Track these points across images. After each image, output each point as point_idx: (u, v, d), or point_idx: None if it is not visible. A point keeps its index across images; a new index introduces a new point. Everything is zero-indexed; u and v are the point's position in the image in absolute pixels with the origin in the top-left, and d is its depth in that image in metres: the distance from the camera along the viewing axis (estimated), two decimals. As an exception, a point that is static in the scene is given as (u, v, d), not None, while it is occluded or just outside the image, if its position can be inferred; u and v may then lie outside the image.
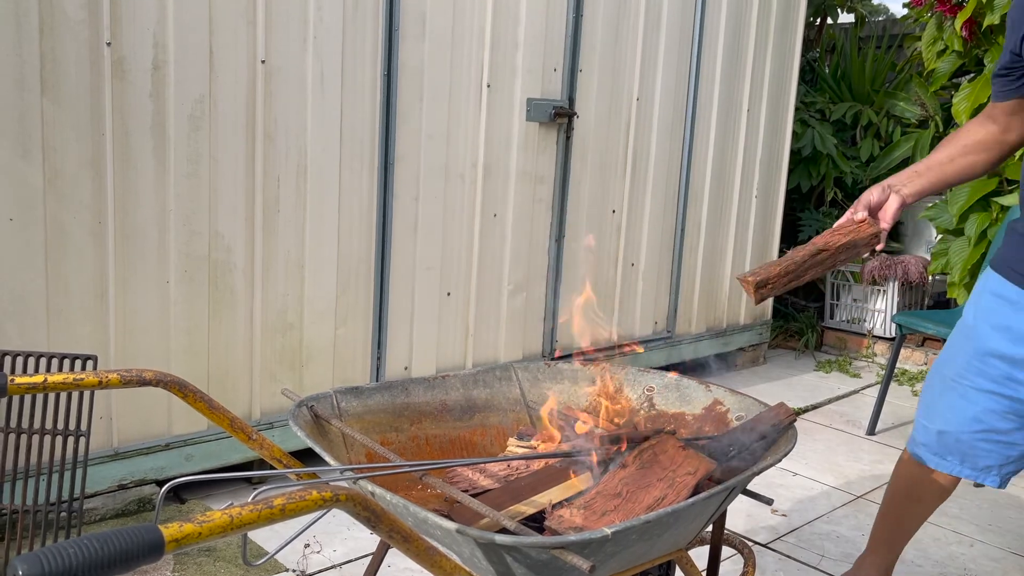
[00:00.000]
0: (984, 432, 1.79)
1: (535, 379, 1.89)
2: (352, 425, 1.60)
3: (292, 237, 2.67)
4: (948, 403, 1.84)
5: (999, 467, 1.83)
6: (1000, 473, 1.84)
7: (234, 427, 1.45)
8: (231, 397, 2.62)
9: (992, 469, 1.83)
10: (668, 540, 1.36)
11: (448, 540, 1.24)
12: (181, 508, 2.57)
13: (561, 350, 3.45)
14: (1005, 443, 1.79)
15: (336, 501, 0.93)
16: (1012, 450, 1.80)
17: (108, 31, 2.24)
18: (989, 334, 1.73)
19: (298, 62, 2.59)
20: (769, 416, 1.58)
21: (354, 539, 2.43)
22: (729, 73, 4.03)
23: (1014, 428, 1.77)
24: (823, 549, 2.59)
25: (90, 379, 1.32)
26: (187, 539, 0.82)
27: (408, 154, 2.90)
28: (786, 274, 1.48)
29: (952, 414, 1.83)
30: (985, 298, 1.75)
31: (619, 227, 3.70)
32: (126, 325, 2.39)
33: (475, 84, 3.05)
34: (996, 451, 1.81)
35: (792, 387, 4.24)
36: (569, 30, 3.31)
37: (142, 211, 2.37)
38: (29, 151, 2.18)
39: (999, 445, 1.79)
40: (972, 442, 1.81)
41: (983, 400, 1.77)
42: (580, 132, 3.43)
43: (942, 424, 1.85)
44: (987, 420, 1.78)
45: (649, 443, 1.49)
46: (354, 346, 2.89)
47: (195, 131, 2.43)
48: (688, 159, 3.92)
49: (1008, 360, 1.71)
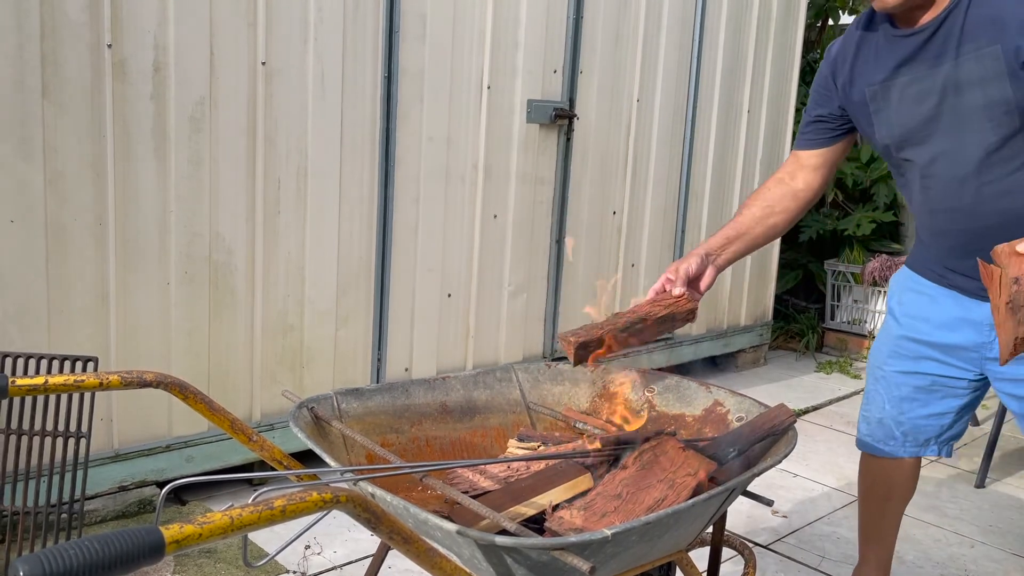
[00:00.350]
0: (912, 404, 1.95)
1: (535, 380, 1.89)
2: (352, 426, 1.60)
3: (293, 239, 2.67)
4: (880, 390, 2.00)
5: (936, 438, 1.99)
6: (939, 442, 1.99)
7: (235, 428, 1.45)
8: (232, 398, 2.62)
9: (931, 441, 1.99)
10: (668, 541, 1.36)
11: (448, 541, 1.24)
12: (181, 510, 2.57)
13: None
14: (935, 414, 1.94)
15: (336, 502, 0.93)
16: (944, 419, 1.95)
17: (109, 33, 2.25)
18: (910, 323, 1.90)
19: (299, 64, 2.60)
20: (769, 417, 1.58)
21: (355, 540, 2.43)
22: (729, 75, 4.03)
23: (937, 399, 1.93)
24: (824, 550, 2.58)
25: (91, 381, 1.32)
26: (188, 540, 0.82)
27: (408, 156, 2.91)
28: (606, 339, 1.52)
29: (885, 400, 1.99)
30: (907, 294, 1.92)
31: (620, 228, 3.70)
32: (127, 326, 2.39)
33: (475, 86, 3.06)
34: (930, 423, 1.96)
35: (793, 388, 4.24)
36: (569, 31, 3.31)
37: (143, 213, 2.38)
38: (30, 153, 2.18)
39: (928, 416, 1.95)
40: (906, 419, 1.96)
41: (908, 380, 1.94)
42: (580, 133, 3.44)
43: (878, 412, 2.00)
44: (914, 395, 1.94)
45: (649, 444, 1.49)
46: (355, 347, 2.89)
47: (196, 133, 2.43)
48: (688, 160, 3.93)
49: (928, 344, 1.87)
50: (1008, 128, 1.61)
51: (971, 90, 1.60)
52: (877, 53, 1.73)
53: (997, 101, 1.58)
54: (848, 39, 1.81)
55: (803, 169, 1.91)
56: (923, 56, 1.65)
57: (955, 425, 1.97)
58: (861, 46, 1.77)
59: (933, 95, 1.65)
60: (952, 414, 1.95)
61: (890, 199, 4.90)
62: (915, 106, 1.69)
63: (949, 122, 1.66)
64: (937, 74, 1.64)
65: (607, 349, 1.52)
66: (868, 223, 4.85)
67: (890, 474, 2.07)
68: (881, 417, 2.00)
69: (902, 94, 1.70)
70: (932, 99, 1.66)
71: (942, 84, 1.64)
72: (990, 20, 1.55)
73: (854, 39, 1.79)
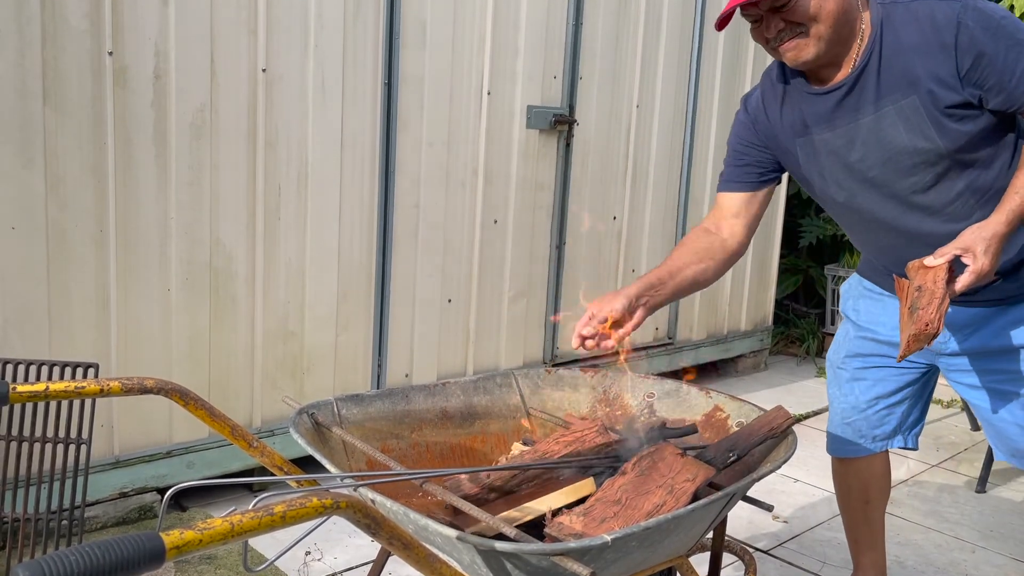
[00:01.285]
0: (875, 400, 2.03)
1: (535, 386, 1.89)
2: (353, 432, 1.60)
3: (293, 244, 2.68)
4: (841, 388, 2.07)
5: (899, 427, 2.06)
6: (903, 432, 2.07)
7: (235, 435, 1.45)
8: (232, 404, 2.62)
9: (896, 431, 2.06)
10: (669, 546, 1.36)
11: (448, 547, 1.25)
12: (182, 516, 2.57)
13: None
14: (895, 403, 2.02)
15: (336, 508, 0.93)
16: (901, 407, 2.04)
17: (110, 40, 2.25)
18: (868, 326, 1.98)
19: (299, 70, 2.61)
20: (767, 420, 1.58)
21: (355, 546, 2.43)
22: (729, 79, 4.04)
23: (895, 389, 2.01)
24: (824, 556, 2.58)
25: (91, 387, 1.32)
26: (188, 546, 0.82)
27: (409, 161, 2.91)
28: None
29: (847, 397, 2.06)
30: (862, 301, 2.02)
31: (620, 233, 3.71)
32: (128, 333, 2.40)
33: (475, 91, 3.06)
34: (891, 414, 2.04)
35: (793, 393, 4.24)
36: (569, 37, 3.32)
37: (144, 219, 2.38)
38: (31, 159, 2.18)
39: (891, 408, 2.03)
40: (869, 415, 2.04)
41: (866, 373, 2.02)
42: (580, 139, 3.44)
43: (841, 411, 2.08)
44: (874, 390, 2.02)
45: (648, 450, 1.49)
46: (355, 353, 2.89)
47: (196, 139, 2.44)
48: (688, 165, 3.93)
49: (886, 343, 1.96)
50: (935, 169, 1.65)
51: (895, 139, 1.64)
52: (798, 108, 1.74)
53: (921, 147, 1.63)
54: (766, 91, 1.81)
55: (726, 219, 1.88)
56: (841, 112, 1.67)
57: (913, 411, 2.06)
58: (783, 98, 1.77)
59: (857, 147, 1.68)
60: (909, 399, 2.03)
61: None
62: (840, 159, 1.72)
63: (877, 172, 1.69)
64: (859, 128, 1.67)
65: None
66: (868, 228, 4.85)
67: (863, 475, 2.12)
68: (844, 415, 2.08)
69: (827, 148, 1.72)
70: (857, 152, 1.69)
71: (864, 137, 1.67)
72: (901, 73, 1.59)
73: (773, 92, 1.79)
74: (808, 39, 1.56)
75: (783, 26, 1.56)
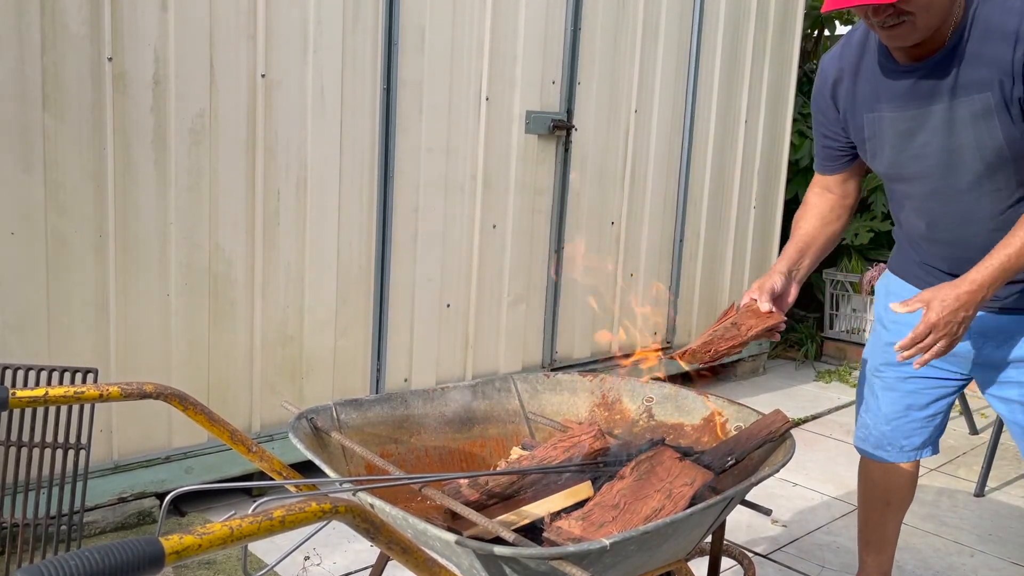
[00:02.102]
0: (905, 411, 2.00)
1: (534, 390, 1.89)
2: (352, 437, 1.60)
3: (292, 249, 2.68)
4: (876, 397, 2.04)
5: (929, 439, 2.03)
6: (932, 443, 2.04)
7: (234, 439, 1.46)
8: (231, 409, 2.62)
9: (927, 444, 2.04)
10: (667, 551, 1.36)
11: (447, 552, 1.25)
12: (181, 521, 2.57)
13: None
14: (928, 416, 2.00)
15: (335, 513, 0.94)
16: (936, 419, 2.01)
17: (109, 46, 2.26)
18: (899, 330, 1.88)
19: (298, 76, 2.61)
20: (765, 423, 1.59)
21: (354, 551, 2.43)
22: (727, 84, 4.05)
23: (929, 401, 1.98)
24: (823, 560, 2.58)
25: (91, 392, 1.33)
26: (187, 551, 0.83)
27: (408, 166, 2.92)
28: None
29: (880, 404, 2.03)
30: (891, 299, 1.94)
31: (618, 238, 3.71)
32: (127, 338, 2.40)
33: (474, 97, 3.07)
34: (924, 427, 2.01)
35: (792, 397, 4.24)
36: (567, 43, 3.33)
37: (143, 224, 2.38)
38: (31, 165, 2.19)
39: (923, 420, 2.00)
40: (901, 425, 2.01)
41: (904, 385, 1.98)
42: (579, 144, 3.45)
43: (875, 419, 2.05)
44: (905, 401, 1.99)
45: (646, 455, 1.50)
46: (354, 358, 2.89)
47: (196, 145, 2.44)
48: (686, 170, 3.94)
49: None
50: (995, 169, 1.64)
51: (964, 130, 1.62)
52: (872, 82, 1.73)
53: (987, 142, 1.61)
54: (845, 60, 1.80)
55: (833, 184, 1.94)
56: (915, 94, 1.66)
57: (944, 422, 2.05)
58: (859, 70, 1.76)
59: (926, 132, 1.67)
60: (943, 413, 2.02)
61: (887, 208, 4.91)
62: (907, 142, 1.71)
63: (942, 160, 1.68)
64: (929, 114, 1.65)
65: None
66: (866, 232, 4.86)
67: (890, 479, 2.10)
68: (877, 423, 2.05)
69: (895, 129, 1.71)
70: (925, 136, 1.67)
71: (936, 123, 1.65)
72: (981, 63, 1.57)
73: (851, 61, 1.78)
74: (915, 27, 1.54)
75: (891, 11, 1.53)
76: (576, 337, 3.61)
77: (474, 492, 1.45)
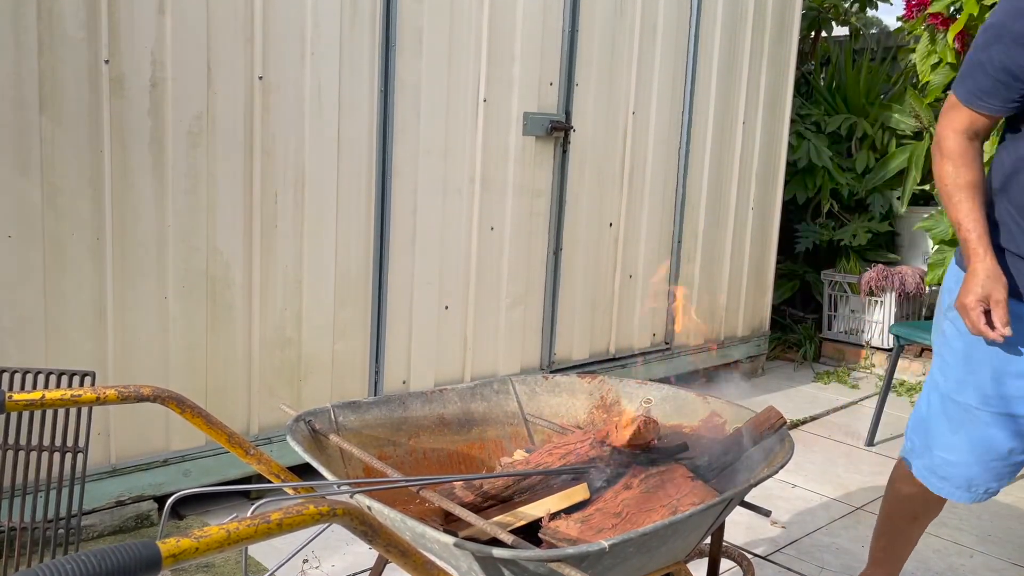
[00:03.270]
0: (1009, 453, 1.82)
1: (532, 392, 1.89)
2: (350, 440, 1.60)
3: (290, 252, 2.68)
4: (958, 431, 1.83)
5: (995, 484, 1.88)
6: (999, 488, 1.90)
7: (232, 442, 1.45)
8: (230, 412, 2.62)
9: (992, 490, 1.89)
10: (666, 553, 1.36)
11: (446, 554, 1.24)
12: (179, 524, 2.57)
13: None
14: (1010, 463, 1.84)
15: (333, 516, 0.93)
16: (1013, 468, 1.86)
17: (107, 49, 2.26)
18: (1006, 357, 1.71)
19: (296, 78, 2.61)
20: (760, 420, 1.58)
21: (353, 554, 2.43)
22: (725, 86, 4.05)
23: (1018, 448, 1.81)
24: (823, 561, 2.58)
25: (88, 395, 1.32)
26: (184, 555, 0.82)
27: (405, 169, 2.92)
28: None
29: (964, 443, 1.82)
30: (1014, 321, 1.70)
31: (616, 239, 3.71)
32: (125, 341, 2.39)
33: (472, 99, 3.07)
34: (999, 471, 1.86)
35: (791, 398, 4.24)
36: (565, 44, 3.33)
37: (141, 227, 2.38)
38: (28, 168, 2.19)
39: (1001, 465, 1.84)
40: (998, 468, 1.84)
41: (997, 423, 1.78)
42: (577, 145, 3.45)
43: (961, 455, 1.84)
44: (996, 445, 1.80)
45: (658, 469, 1.49)
46: (352, 360, 2.89)
47: (193, 147, 2.44)
48: (685, 171, 3.94)
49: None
50: None
51: None
52: None
53: None
54: None
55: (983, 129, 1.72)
56: None
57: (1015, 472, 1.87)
58: None
59: None
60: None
61: (885, 209, 4.91)
62: None
63: None
64: None
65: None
66: (864, 233, 4.86)
67: (929, 503, 1.97)
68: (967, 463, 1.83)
69: None
70: None
71: None
72: None
73: None
74: None
75: None
76: (575, 338, 3.61)
77: (470, 494, 1.45)
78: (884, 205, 4.91)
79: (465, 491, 1.45)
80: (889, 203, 4.88)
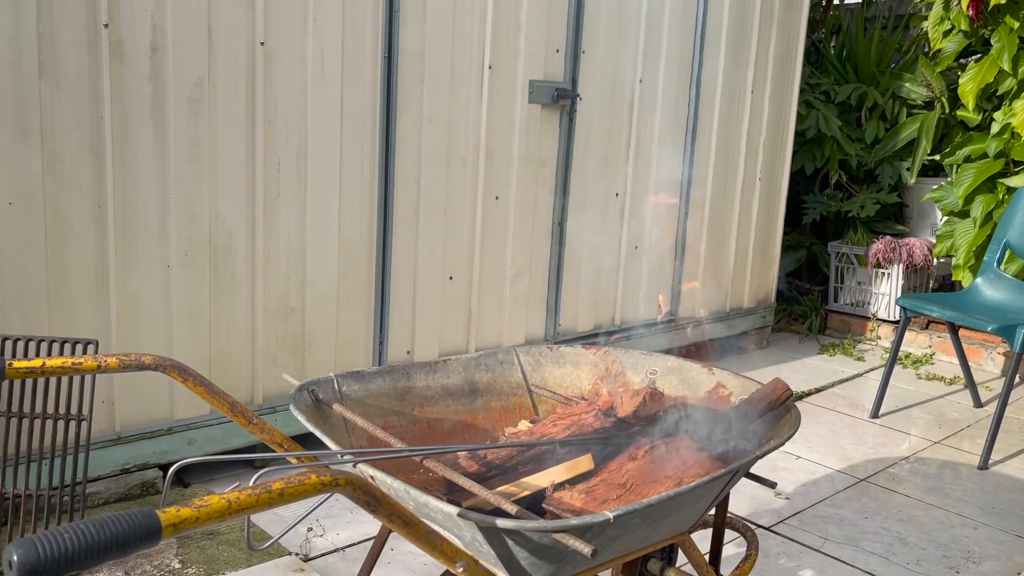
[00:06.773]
0: None
1: (537, 363, 1.88)
2: (353, 409, 1.59)
3: (293, 221, 2.66)
4: None
5: None
6: None
7: (234, 411, 1.44)
8: (233, 382, 2.61)
9: None
10: (671, 524, 1.35)
11: (449, 524, 1.24)
12: (184, 492, 2.58)
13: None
14: None
15: (336, 485, 0.92)
16: None
17: (106, 13, 2.22)
18: None
19: (298, 45, 2.57)
20: (766, 392, 1.57)
21: (357, 523, 2.44)
22: (733, 54, 3.99)
23: None
24: (826, 532, 2.58)
25: (88, 363, 1.31)
26: (185, 524, 0.82)
27: (409, 137, 2.88)
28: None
29: None
30: None
31: (622, 210, 3.68)
32: (127, 309, 2.39)
33: (476, 66, 3.03)
34: None
35: (796, 370, 4.23)
36: (572, 11, 3.28)
37: (142, 195, 2.36)
38: (28, 135, 2.16)
39: None
40: None
41: None
42: (583, 114, 3.41)
43: None
44: None
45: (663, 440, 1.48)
46: (356, 330, 2.88)
47: (195, 115, 2.41)
48: (692, 141, 3.90)
49: None
50: None
51: None
52: None
53: None
54: None
55: None
56: None
57: None
58: None
59: None
60: None
61: (894, 180, 4.86)
62: None
63: None
64: None
65: None
66: (872, 204, 4.82)
67: None
68: None
69: None
70: None
71: None
72: None
73: None
74: None
75: None
76: (579, 309, 3.59)
77: (474, 464, 1.44)
78: (893, 176, 4.86)
79: (469, 461, 1.45)
80: (898, 174, 4.83)
